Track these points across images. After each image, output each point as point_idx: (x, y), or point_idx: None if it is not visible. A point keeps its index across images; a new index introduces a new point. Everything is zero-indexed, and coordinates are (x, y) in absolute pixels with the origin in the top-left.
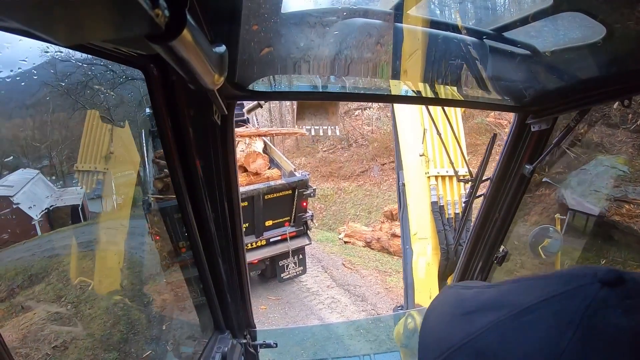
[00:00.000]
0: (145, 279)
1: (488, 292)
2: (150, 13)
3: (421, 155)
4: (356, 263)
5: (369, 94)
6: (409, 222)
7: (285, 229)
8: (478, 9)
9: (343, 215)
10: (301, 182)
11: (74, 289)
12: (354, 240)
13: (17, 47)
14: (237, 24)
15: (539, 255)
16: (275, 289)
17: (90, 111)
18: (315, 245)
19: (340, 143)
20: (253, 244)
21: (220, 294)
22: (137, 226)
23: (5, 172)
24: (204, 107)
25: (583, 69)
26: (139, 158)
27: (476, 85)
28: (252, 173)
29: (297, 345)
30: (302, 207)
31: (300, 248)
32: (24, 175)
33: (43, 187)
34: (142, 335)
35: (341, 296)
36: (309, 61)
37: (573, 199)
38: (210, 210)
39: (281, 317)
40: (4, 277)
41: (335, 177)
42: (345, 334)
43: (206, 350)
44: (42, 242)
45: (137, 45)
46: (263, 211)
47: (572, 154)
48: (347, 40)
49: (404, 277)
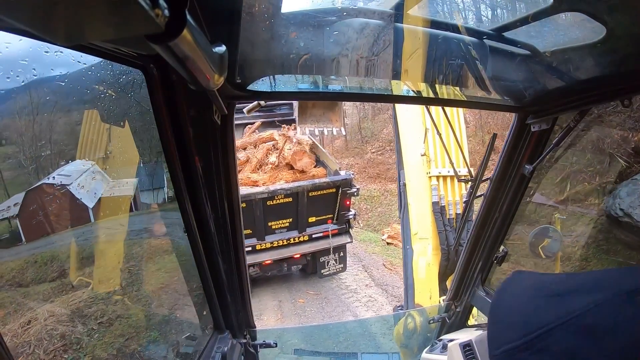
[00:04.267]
0: (144, 278)
1: (574, 278)
2: (150, 13)
3: (422, 155)
4: (396, 264)
5: (368, 94)
6: (410, 221)
7: (328, 226)
8: (478, 9)
9: (388, 217)
10: (345, 181)
11: (74, 287)
12: (397, 242)
13: (17, 47)
14: (237, 24)
15: (539, 255)
16: (314, 285)
17: (91, 111)
18: (358, 244)
19: (389, 145)
20: (296, 238)
21: (220, 294)
22: (137, 225)
23: (6, 172)
24: (204, 107)
25: (583, 69)
26: (137, 158)
27: (476, 85)
28: (298, 171)
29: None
30: (345, 206)
31: (342, 246)
32: (81, 165)
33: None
34: (141, 334)
35: (379, 295)
36: (309, 61)
37: (620, 210)
38: (210, 210)
39: (317, 311)
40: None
41: (383, 179)
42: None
43: (206, 350)
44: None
45: (137, 45)
46: (307, 207)
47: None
48: (347, 40)
49: (404, 278)
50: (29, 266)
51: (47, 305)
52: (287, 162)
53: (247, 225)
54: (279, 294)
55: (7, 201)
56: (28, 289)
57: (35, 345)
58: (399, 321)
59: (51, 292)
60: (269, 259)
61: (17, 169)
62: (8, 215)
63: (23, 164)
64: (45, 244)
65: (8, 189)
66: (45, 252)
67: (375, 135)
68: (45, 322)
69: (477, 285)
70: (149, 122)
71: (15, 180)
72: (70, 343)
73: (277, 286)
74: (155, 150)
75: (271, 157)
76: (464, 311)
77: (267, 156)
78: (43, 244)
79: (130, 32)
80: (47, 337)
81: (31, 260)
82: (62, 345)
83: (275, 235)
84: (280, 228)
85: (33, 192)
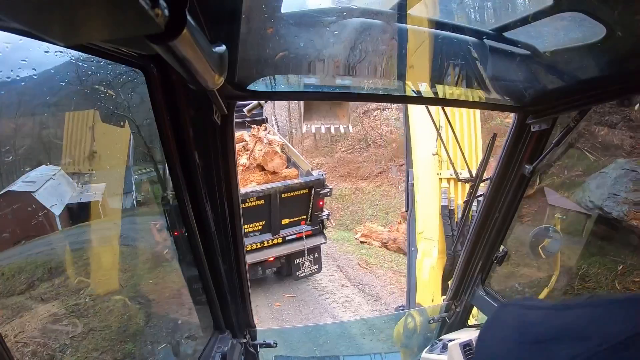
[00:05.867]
0: (144, 279)
1: (561, 317)
2: (150, 13)
3: (434, 155)
4: (372, 263)
5: (368, 94)
6: (416, 220)
7: (302, 227)
8: (478, 9)
9: (360, 216)
10: (318, 181)
11: (74, 288)
12: (371, 241)
13: (17, 47)
14: (237, 24)
15: (539, 255)
16: (290, 287)
17: (91, 111)
18: (332, 244)
19: (358, 143)
20: (269, 241)
21: (220, 294)
22: (135, 224)
23: (5, 171)
24: (204, 107)
25: (583, 69)
26: (137, 158)
27: (476, 85)
28: (270, 172)
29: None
30: (319, 207)
31: (316, 247)
32: (46, 171)
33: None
34: (141, 334)
35: (355, 295)
36: (309, 61)
37: (590, 202)
38: (210, 210)
39: (295, 314)
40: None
41: (354, 177)
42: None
43: (206, 350)
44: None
45: (137, 45)
46: (280, 209)
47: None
48: (347, 40)
49: (408, 279)
50: None
51: (49, 303)
52: (258, 164)
53: None
54: (255, 298)
55: None
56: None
57: (35, 344)
58: (399, 321)
59: (53, 290)
60: None
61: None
62: None
63: (23, 163)
64: (45, 242)
65: None
66: (45, 253)
67: (344, 134)
68: (45, 322)
69: (477, 285)
70: (149, 122)
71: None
72: (71, 343)
73: (252, 290)
74: (156, 150)
75: (242, 158)
76: (464, 311)
77: (237, 158)
78: (43, 243)
79: (130, 32)
80: (48, 336)
81: None
82: (63, 345)
83: (248, 239)
84: (253, 231)
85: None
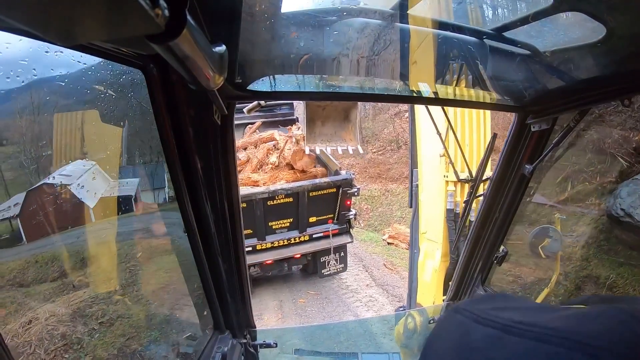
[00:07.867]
0: (145, 279)
1: (507, 341)
2: (150, 13)
3: (441, 156)
4: (397, 264)
5: (368, 94)
6: (419, 221)
7: (329, 226)
8: (478, 8)
9: (389, 217)
10: (345, 180)
11: (75, 287)
12: (398, 242)
13: (17, 47)
14: (237, 24)
15: (539, 255)
16: (315, 284)
17: (91, 111)
18: (359, 244)
19: (389, 145)
20: (296, 238)
21: (220, 294)
22: (134, 224)
23: (6, 172)
24: (204, 107)
25: (583, 69)
26: (137, 158)
27: (476, 85)
28: (299, 170)
29: None
30: (346, 206)
31: (342, 246)
32: (81, 165)
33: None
34: (142, 334)
35: (379, 295)
36: (309, 61)
37: (621, 210)
38: (210, 210)
39: (318, 311)
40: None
41: (384, 179)
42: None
43: (206, 350)
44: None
45: (137, 45)
46: (307, 207)
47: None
48: (347, 40)
49: (409, 281)
50: (30, 266)
51: (48, 305)
52: (288, 162)
53: (248, 225)
54: (280, 293)
55: (7, 201)
56: (29, 289)
57: (36, 345)
58: (399, 321)
59: (52, 292)
60: (269, 259)
61: (18, 169)
62: (9, 215)
63: (24, 163)
64: (45, 244)
65: (9, 189)
66: (45, 253)
67: (375, 135)
68: (46, 321)
69: (477, 285)
70: (148, 122)
71: (16, 180)
72: (71, 343)
73: (278, 286)
74: (155, 150)
75: (272, 157)
76: None
77: (267, 156)
78: (43, 244)
79: (130, 32)
80: (48, 337)
81: (32, 260)
82: (63, 344)
83: (275, 235)
84: (280, 228)
85: (34, 192)
